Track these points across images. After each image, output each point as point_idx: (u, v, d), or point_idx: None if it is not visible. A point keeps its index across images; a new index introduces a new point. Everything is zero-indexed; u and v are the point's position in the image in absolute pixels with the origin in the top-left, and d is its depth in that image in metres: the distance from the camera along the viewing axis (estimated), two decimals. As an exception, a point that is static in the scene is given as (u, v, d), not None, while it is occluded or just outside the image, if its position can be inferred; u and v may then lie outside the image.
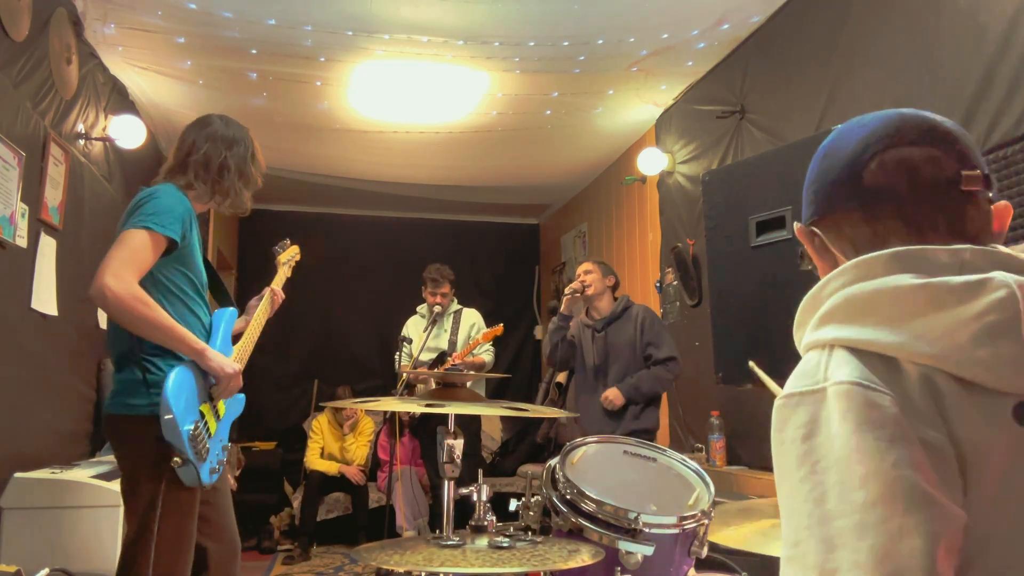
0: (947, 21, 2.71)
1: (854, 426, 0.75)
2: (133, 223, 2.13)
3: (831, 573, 0.73)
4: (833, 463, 0.76)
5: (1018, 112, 2.40)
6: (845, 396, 0.77)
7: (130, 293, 2.04)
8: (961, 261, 0.81)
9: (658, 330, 3.97)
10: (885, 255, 0.83)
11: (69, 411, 3.72)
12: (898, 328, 0.79)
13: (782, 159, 2.58)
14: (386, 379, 6.85)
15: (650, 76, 4.45)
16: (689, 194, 4.65)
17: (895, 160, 0.88)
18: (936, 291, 0.79)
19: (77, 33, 3.71)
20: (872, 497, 0.73)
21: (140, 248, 2.09)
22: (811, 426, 0.79)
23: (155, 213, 2.14)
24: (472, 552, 1.62)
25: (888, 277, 0.81)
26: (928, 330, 0.78)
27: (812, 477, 0.77)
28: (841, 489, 0.74)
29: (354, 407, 5.63)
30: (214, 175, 2.34)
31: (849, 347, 0.81)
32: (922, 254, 0.82)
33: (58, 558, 2.78)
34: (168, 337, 2.11)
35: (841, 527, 0.73)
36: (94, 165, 4.06)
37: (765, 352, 2.36)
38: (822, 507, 0.75)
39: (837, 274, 0.86)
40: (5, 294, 2.98)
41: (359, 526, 5.70)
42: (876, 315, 0.81)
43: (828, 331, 0.84)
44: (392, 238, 7.73)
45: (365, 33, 3.84)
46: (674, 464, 2.07)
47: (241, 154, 2.40)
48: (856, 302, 0.82)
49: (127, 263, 2.06)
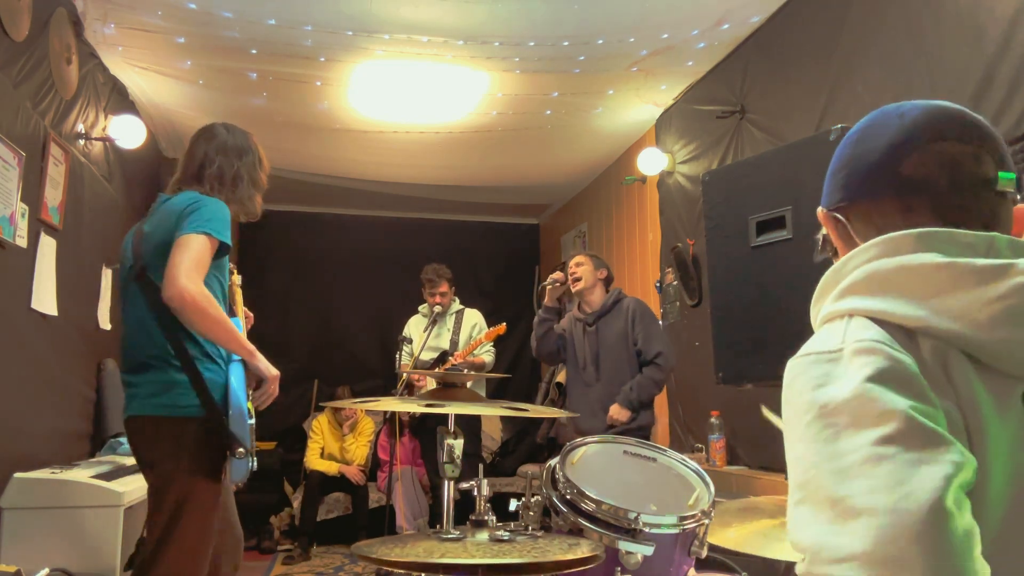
0: (947, 21, 2.71)
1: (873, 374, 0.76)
2: (192, 228, 2.20)
3: (843, 500, 0.73)
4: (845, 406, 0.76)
5: (1018, 112, 2.40)
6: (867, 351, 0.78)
7: (203, 294, 2.15)
8: (988, 245, 0.82)
9: (647, 323, 3.88)
10: (914, 233, 0.84)
11: (69, 411, 3.72)
12: (920, 303, 0.80)
13: (782, 159, 2.58)
14: (386, 379, 6.85)
15: (650, 76, 4.45)
16: (689, 194, 4.65)
17: (938, 154, 0.88)
18: (960, 270, 0.80)
19: (77, 33, 3.71)
20: (889, 432, 0.73)
21: (203, 252, 2.19)
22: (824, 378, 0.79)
23: (211, 219, 2.23)
24: (473, 544, 1.62)
25: (914, 254, 0.82)
26: (949, 307, 0.79)
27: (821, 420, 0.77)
28: (855, 427, 0.74)
29: (354, 407, 5.64)
30: (229, 186, 2.43)
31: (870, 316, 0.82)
32: (950, 236, 0.83)
33: (58, 558, 2.78)
34: (229, 337, 2.22)
35: (854, 459, 0.73)
36: (94, 165, 4.06)
37: (765, 352, 2.36)
38: (832, 445, 0.75)
39: (862, 250, 0.86)
40: (5, 294, 2.98)
41: (359, 526, 5.70)
42: (899, 289, 0.82)
43: (849, 302, 0.85)
44: (392, 238, 7.72)
45: (365, 33, 3.84)
46: (674, 464, 2.07)
47: (251, 162, 2.51)
48: (880, 276, 0.83)
49: (195, 266, 2.16)
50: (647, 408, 3.83)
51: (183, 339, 2.23)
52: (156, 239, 2.27)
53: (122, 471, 3.26)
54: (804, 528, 0.77)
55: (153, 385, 2.23)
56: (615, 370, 3.87)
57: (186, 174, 2.44)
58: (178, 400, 2.20)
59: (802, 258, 2.20)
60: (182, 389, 2.20)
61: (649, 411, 3.85)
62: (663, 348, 3.81)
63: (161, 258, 2.22)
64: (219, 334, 2.20)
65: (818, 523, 0.75)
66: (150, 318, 2.27)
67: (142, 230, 2.36)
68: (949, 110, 0.91)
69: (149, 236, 2.31)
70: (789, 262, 2.32)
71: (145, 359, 2.26)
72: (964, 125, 0.90)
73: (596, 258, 4.13)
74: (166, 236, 2.23)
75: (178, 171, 2.48)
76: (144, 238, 2.33)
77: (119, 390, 4.15)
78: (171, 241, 2.21)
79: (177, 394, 2.20)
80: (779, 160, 2.59)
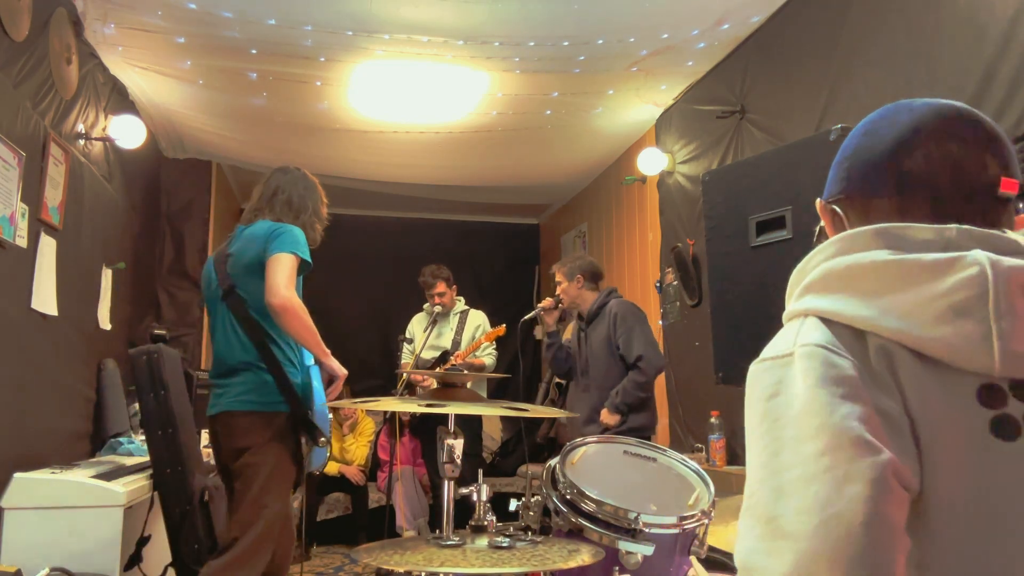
0: (947, 21, 2.71)
1: (812, 382, 0.76)
2: (282, 248, 2.62)
3: (776, 519, 0.73)
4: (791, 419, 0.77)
5: (1018, 112, 2.40)
6: (808, 356, 0.78)
7: (299, 303, 2.59)
8: (945, 240, 0.81)
9: (627, 326, 3.82)
10: (869, 230, 0.84)
11: (69, 411, 3.72)
12: (868, 302, 0.80)
13: (782, 159, 2.58)
14: (386, 379, 6.85)
15: (650, 76, 4.45)
16: (689, 194, 4.65)
17: (942, 153, 0.86)
18: (908, 267, 0.79)
19: (77, 33, 3.71)
20: (820, 447, 0.73)
21: (293, 268, 2.61)
22: (776, 387, 0.80)
23: (295, 242, 2.66)
24: (472, 552, 1.62)
25: (867, 252, 0.82)
26: (897, 305, 0.78)
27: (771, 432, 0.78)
28: (795, 442, 0.75)
29: (354, 407, 5.64)
30: (295, 211, 2.84)
31: (821, 317, 0.83)
32: (904, 231, 0.82)
33: (58, 558, 2.78)
34: (315, 341, 2.64)
35: (791, 477, 0.74)
36: (94, 165, 4.06)
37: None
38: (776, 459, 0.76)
39: (823, 247, 0.87)
40: (5, 294, 2.98)
41: (359, 526, 5.70)
42: (850, 288, 0.82)
43: (806, 301, 0.85)
44: (392, 238, 7.72)
45: (365, 33, 3.84)
46: (674, 464, 2.07)
47: (316, 197, 2.95)
48: (833, 275, 0.83)
49: (291, 280, 2.58)
50: (638, 411, 3.79)
51: (269, 346, 2.65)
52: (245, 260, 2.68)
53: (122, 471, 3.26)
54: (740, 541, 0.77)
55: (244, 386, 2.64)
56: (603, 375, 3.86)
57: (260, 202, 2.86)
58: (268, 397, 2.62)
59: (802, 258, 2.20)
60: (270, 388, 2.62)
61: (642, 413, 3.81)
62: (643, 351, 3.76)
63: (249, 276, 2.66)
64: (307, 337, 2.62)
65: (751, 539, 0.76)
66: (240, 329, 2.68)
67: (225, 254, 2.77)
68: (960, 110, 0.89)
69: (236, 258, 2.72)
70: (789, 262, 2.31)
71: (235, 365, 2.67)
72: (973, 127, 0.88)
73: (569, 266, 4.05)
74: (255, 257, 2.65)
75: (253, 200, 2.90)
76: (230, 261, 2.73)
77: (119, 390, 4.20)
78: (259, 261, 2.62)
79: (267, 392, 2.62)
80: (779, 160, 2.59)
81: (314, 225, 2.90)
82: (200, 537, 3.11)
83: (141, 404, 3.26)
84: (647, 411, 3.85)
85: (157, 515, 3.29)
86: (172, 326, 5.43)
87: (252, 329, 2.66)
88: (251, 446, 2.62)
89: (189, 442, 3.31)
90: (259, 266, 2.63)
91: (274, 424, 2.62)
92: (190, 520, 3.12)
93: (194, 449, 3.43)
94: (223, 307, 2.72)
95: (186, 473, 3.17)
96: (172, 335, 5.05)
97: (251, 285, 2.66)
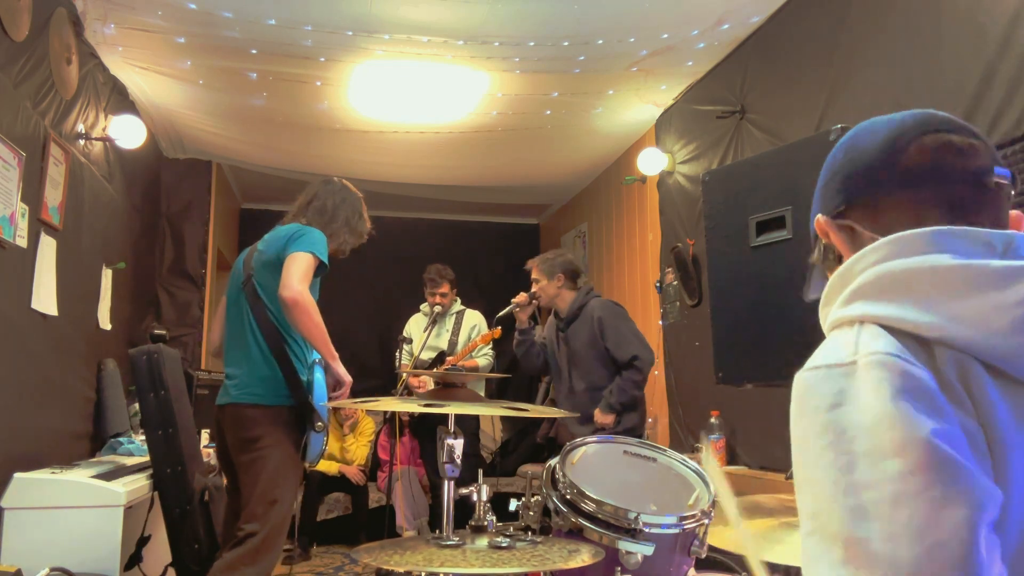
0: (947, 21, 2.71)
1: (891, 394, 0.70)
2: (300, 247, 2.69)
3: (860, 543, 0.68)
4: (864, 431, 0.70)
5: (1018, 112, 2.40)
6: (881, 365, 0.72)
7: (311, 299, 2.65)
8: (1006, 245, 0.77)
9: (614, 329, 3.80)
10: (927, 232, 0.79)
11: (69, 411, 3.71)
12: (934, 308, 0.75)
13: (782, 159, 2.58)
14: (386, 379, 6.84)
15: (650, 76, 4.45)
16: (689, 194, 4.65)
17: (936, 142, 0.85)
18: (976, 273, 0.75)
19: (77, 33, 3.71)
20: (910, 465, 0.67)
21: (309, 267, 2.68)
22: (839, 396, 0.73)
23: (314, 243, 2.74)
24: (472, 552, 1.62)
25: (927, 255, 0.77)
26: (964, 312, 0.74)
27: (837, 445, 0.72)
28: (873, 458, 0.69)
29: (354, 407, 5.63)
30: (326, 219, 2.95)
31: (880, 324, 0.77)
32: (965, 234, 0.78)
33: (58, 558, 2.78)
34: (323, 340, 2.69)
35: (873, 497, 0.68)
36: (94, 165, 4.06)
37: (765, 352, 2.36)
38: (849, 476, 0.70)
39: (871, 250, 0.81)
40: (5, 294, 2.98)
41: (359, 526, 5.70)
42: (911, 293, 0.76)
43: (858, 307, 0.79)
44: (392, 238, 7.69)
45: (365, 33, 3.84)
46: (674, 464, 2.07)
47: (351, 207, 3.03)
48: (890, 279, 0.78)
49: (305, 277, 2.64)
50: (631, 410, 3.80)
51: (281, 342, 2.71)
52: (266, 257, 2.78)
53: (122, 471, 3.26)
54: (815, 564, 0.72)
55: (253, 378, 2.71)
56: (590, 375, 3.85)
57: (298, 208, 3.00)
58: (276, 391, 2.69)
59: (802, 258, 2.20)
60: (279, 383, 2.69)
61: (634, 413, 3.82)
62: (637, 351, 3.76)
63: (267, 271, 2.74)
64: (316, 335, 2.66)
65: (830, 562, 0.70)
66: (255, 323, 2.74)
67: (256, 248, 2.87)
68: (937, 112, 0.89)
69: (261, 253, 2.81)
70: (789, 262, 2.32)
71: (246, 357, 2.74)
72: (954, 121, 0.88)
73: (546, 263, 3.98)
74: (275, 255, 2.74)
75: (295, 204, 3.03)
76: (256, 255, 2.82)
77: (119, 390, 4.20)
78: (278, 258, 2.70)
79: (275, 387, 2.69)
80: (779, 160, 2.59)
81: (342, 235, 2.99)
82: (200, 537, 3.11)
83: (141, 404, 3.26)
84: (638, 410, 3.87)
85: (157, 515, 3.29)
86: (172, 326, 5.43)
87: (265, 324, 2.74)
88: (257, 439, 2.67)
89: (189, 442, 3.32)
90: (278, 263, 2.71)
91: (281, 418, 2.69)
92: (190, 520, 3.12)
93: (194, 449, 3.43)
94: (243, 298, 2.80)
95: (186, 473, 3.18)
96: (172, 335, 5.06)
97: (269, 280, 2.75)
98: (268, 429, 2.67)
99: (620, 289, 5.79)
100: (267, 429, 2.67)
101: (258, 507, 2.64)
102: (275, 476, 2.65)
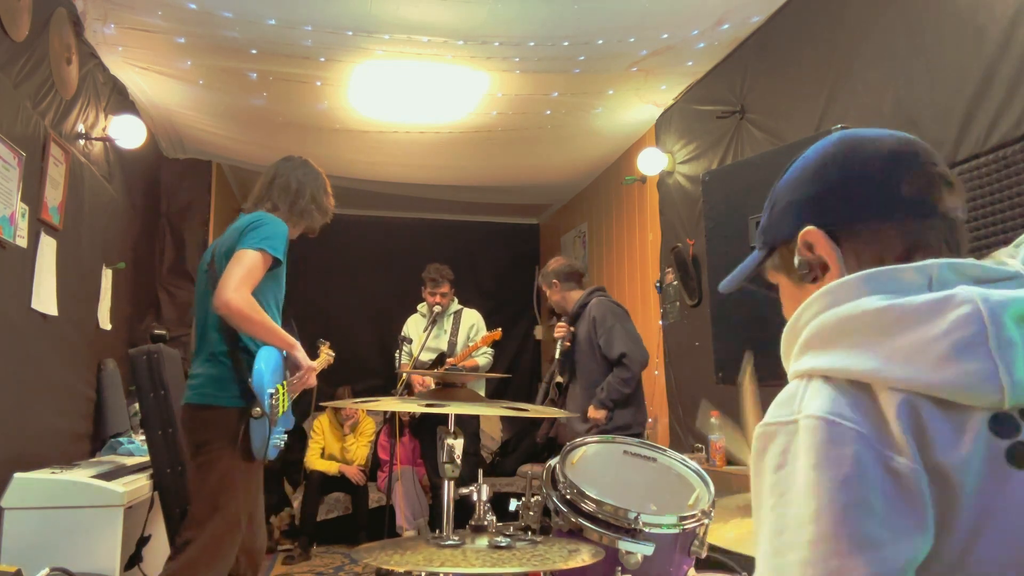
0: (947, 21, 2.71)
1: (813, 462, 0.75)
2: (249, 244, 2.52)
3: None
4: (794, 497, 0.76)
5: (1018, 112, 2.40)
6: (810, 431, 0.77)
7: (248, 304, 2.47)
8: (929, 277, 0.80)
9: (606, 326, 3.92)
10: (855, 278, 0.82)
11: (69, 411, 3.72)
12: (869, 352, 0.77)
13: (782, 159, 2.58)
14: (386, 379, 6.85)
15: (650, 76, 4.45)
16: (689, 194, 4.65)
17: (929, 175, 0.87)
18: (902, 312, 0.77)
19: (77, 33, 3.71)
20: (819, 534, 0.73)
21: (255, 267, 2.51)
22: (783, 456, 0.78)
23: (268, 237, 2.56)
24: (472, 552, 1.62)
25: (858, 300, 0.80)
26: (898, 352, 0.76)
27: (777, 508, 0.78)
28: (796, 523, 0.75)
29: (354, 407, 5.63)
30: (292, 196, 2.79)
31: (824, 376, 0.80)
32: (891, 274, 0.81)
33: (58, 558, 2.78)
34: (273, 336, 2.56)
35: (791, 560, 0.74)
36: (94, 165, 4.06)
37: (765, 352, 2.36)
38: (779, 538, 0.76)
39: (810, 303, 0.84)
40: (5, 294, 2.98)
41: (359, 526, 5.69)
42: (847, 340, 0.79)
43: (806, 360, 0.83)
44: (392, 238, 7.72)
45: (365, 33, 3.84)
46: (674, 464, 2.07)
47: (317, 184, 2.87)
48: (828, 329, 0.81)
49: (245, 280, 2.47)
50: (623, 407, 3.89)
51: (235, 338, 2.56)
52: (224, 247, 2.61)
53: (122, 471, 3.26)
54: None
55: (206, 377, 2.56)
56: (587, 374, 3.96)
57: (261, 190, 2.82)
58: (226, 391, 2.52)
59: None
60: (229, 383, 2.53)
61: (627, 410, 3.91)
62: (625, 348, 3.86)
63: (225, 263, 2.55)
64: (263, 334, 2.53)
65: None
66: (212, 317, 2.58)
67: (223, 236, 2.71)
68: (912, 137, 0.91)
69: (221, 244, 2.65)
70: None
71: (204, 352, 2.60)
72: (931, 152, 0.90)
73: (543, 276, 4.19)
74: (232, 246, 2.56)
75: (256, 188, 2.84)
76: (218, 245, 2.67)
77: (119, 390, 4.20)
78: (232, 251, 2.53)
79: (226, 386, 2.53)
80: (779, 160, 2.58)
81: (311, 212, 2.84)
82: (200, 537, 3.10)
83: (141, 404, 3.26)
84: (632, 407, 3.94)
85: (157, 515, 3.29)
86: (172, 326, 5.43)
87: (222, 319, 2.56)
88: (205, 443, 2.52)
89: (189, 442, 3.31)
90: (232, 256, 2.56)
91: (230, 420, 2.50)
92: (190, 520, 3.11)
93: (194, 449, 3.42)
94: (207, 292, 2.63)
95: (186, 473, 3.18)
96: (172, 335, 5.06)
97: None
98: (217, 432, 2.50)
99: (620, 289, 5.79)
100: (216, 432, 2.50)
101: (199, 512, 2.49)
102: (223, 482, 2.48)
